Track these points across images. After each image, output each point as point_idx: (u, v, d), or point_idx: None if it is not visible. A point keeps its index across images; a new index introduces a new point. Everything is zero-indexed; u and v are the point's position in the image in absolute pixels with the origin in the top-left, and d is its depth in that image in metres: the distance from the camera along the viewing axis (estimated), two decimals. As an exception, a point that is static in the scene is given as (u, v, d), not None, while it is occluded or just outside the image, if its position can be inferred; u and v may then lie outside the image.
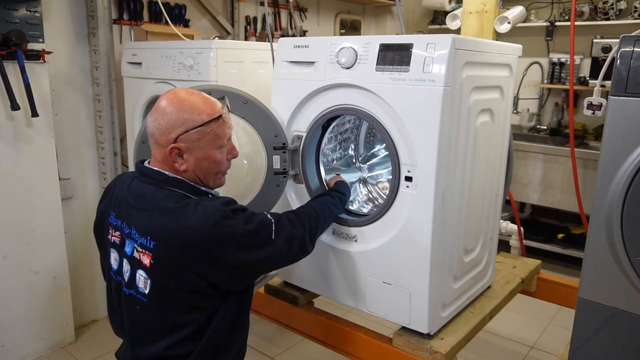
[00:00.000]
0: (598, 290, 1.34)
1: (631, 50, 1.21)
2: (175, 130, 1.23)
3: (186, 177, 1.28)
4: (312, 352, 2.57)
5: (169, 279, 1.21)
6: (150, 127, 1.26)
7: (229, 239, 1.19)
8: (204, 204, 1.20)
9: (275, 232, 1.28)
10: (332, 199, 1.57)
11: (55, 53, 2.46)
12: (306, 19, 3.90)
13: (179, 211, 1.19)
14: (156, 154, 1.27)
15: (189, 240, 1.17)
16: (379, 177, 1.94)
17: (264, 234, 1.26)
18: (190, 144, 1.24)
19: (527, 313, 2.99)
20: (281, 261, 1.35)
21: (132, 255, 1.26)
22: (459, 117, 1.44)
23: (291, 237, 1.32)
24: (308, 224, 1.41)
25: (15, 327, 2.43)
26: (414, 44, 1.39)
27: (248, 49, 2.32)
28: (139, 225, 1.24)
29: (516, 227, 2.91)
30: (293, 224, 1.36)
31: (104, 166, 2.74)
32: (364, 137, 1.98)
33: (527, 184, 3.55)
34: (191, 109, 1.24)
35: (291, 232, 1.33)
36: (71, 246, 2.69)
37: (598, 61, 3.50)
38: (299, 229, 1.36)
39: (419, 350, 1.51)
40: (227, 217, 1.20)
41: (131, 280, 1.27)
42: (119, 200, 1.31)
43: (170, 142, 1.23)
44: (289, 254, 1.33)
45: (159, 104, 1.26)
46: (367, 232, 1.61)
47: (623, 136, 1.24)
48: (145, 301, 1.24)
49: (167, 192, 1.24)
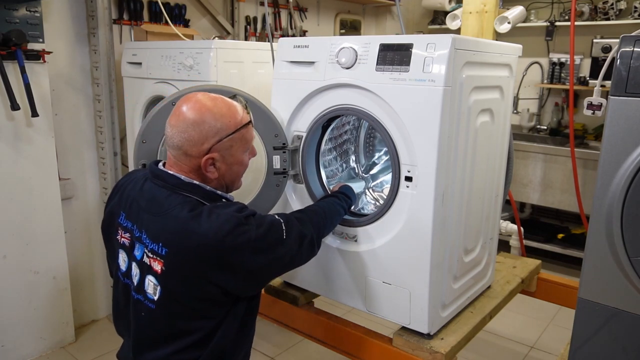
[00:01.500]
0: (598, 290, 1.34)
1: (631, 50, 1.21)
2: (209, 140, 1.21)
3: (212, 184, 1.27)
4: (312, 352, 2.57)
5: (181, 286, 1.20)
6: (177, 139, 1.22)
7: (244, 245, 1.18)
8: (218, 212, 1.18)
9: (285, 231, 1.27)
10: (339, 201, 1.56)
11: (55, 53, 2.46)
12: (306, 19, 3.90)
13: (193, 219, 1.17)
14: (184, 163, 1.24)
15: (203, 248, 1.15)
16: (384, 183, 1.93)
17: (275, 235, 1.25)
18: (224, 152, 1.24)
19: (527, 313, 2.99)
20: (291, 262, 1.33)
21: (142, 260, 1.24)
22: (459, 117, 1.44)
23: (301, 236, 1.31)
24: (316, 223, 1.40)
25: (15, 327, 2.43)
26: (414, 44, 1.39)
27: (248, 49, 2.32)
28: (150, 230, 1.22)
29: (516, 227, 2.92)
30: (302, 223, 1.35)
31: (104, 166, 2.74)
32: (363, 146, 1.97)
33: (527, 184, 3.55)
34: (222, 117, 1.22)
35: (301, 231, 1.32)
36: (71, 246, 2.69)
37: (598, 61, 3.50)
38: (308, 228, 1.35)
39: (419, 350, 1.51)
40: (241, 224, 1.18)
41: (140, 285, 1.25)
42: (129, 201, 1.29)
43: (203, 153, 1.21)
44: (299, 254, 1.32)
45: (182, 113, 1.22)
46: (367, 232, 1.60)
47: (623, 136, 1.24)
48: (154, 307, 1.23)
49: (181, 197, 1.22)
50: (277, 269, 1.32)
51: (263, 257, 1.21)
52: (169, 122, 1.24)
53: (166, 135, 1.25)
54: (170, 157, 1.27)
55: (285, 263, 1.31)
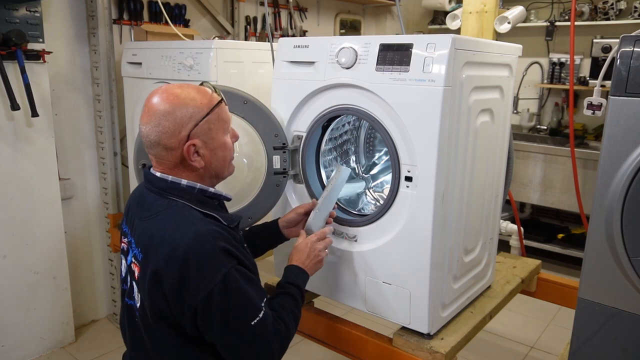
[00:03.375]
0: (598, 290, 1.34)
1: (631, 50, 1.20)
2: (185, 127, 1.16)
3: (198, 176, 1.22)
4: (312, 352, 2.57)
5: (146, 296, 1.16)
6: (153, 135, 1.16)
7: (204, 278, 1.09)
8: (198, 226, 1.13)
9: (258, 320, 1.14)
10: (297, 303, 1.34)
11: (55, 53, 2.46)
12: (306, 19, 3.90)
13: (171, 226, 1.13)
14: (166, 160, 1.19)
15: (169, 254, 1.10)
16: (384, 184, 1.93)
17: (241, 309, 1.12)
18: (203, 136, 1.18)
19: (527, 313, 2.99)
20: (237, 356, 1.18)
21: (130, 265, 1.23)
22: (459, 117, 1.44)
23: (267, 345, 1.17)
24: (286, 341, 1.26)
25: (15, 327, 2.43)
26: (414, 44, 1.39)
27: (248, 49, 2.32)
28: (136, 235, 1.20)
29: (516, 227, 2.92)
30: (277, 334, 1.21)
31: (104, 166, 2.74)
32: (363, 146, 1.97)
33: (527, 184, 3.55)
34: (192, 100, 1.17)
35: (269, 342, 1.18)
36: (71, 246, 2.69)
37: (598, 61, 3.50)
38: (275, 344, 1.20)
39: (419, 350, 1.51)
40: (215, 254, 1.10)
41: (130, 291, 1.24)
42: (129, 206, 1.29)
43: (183, 141, 1.16)
44: (252, 356, 1.17)
45: (152, 107, 1.16)
46: (367, 232, 1.60)
47: (623, 136, 1.24)
48: (138, 315, 1.21)
49: (166, 202, 1.19)
50: (221, 345, 1.17)
51: (217, 309, 1.10)
52: (141, 121, 1.18)
53: (141, 135, 1.18)
54: (152, 158, 1.22)
55: (229, 348, 1.16)
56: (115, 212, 2.76)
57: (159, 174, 1.21)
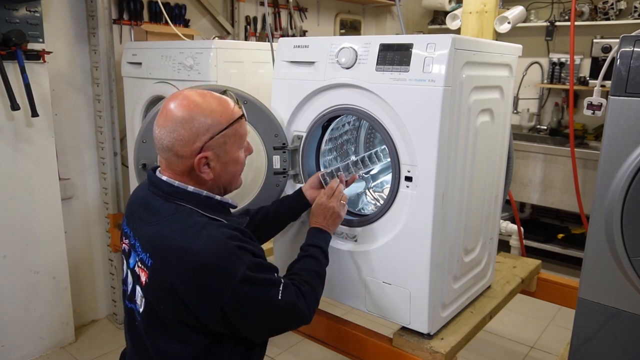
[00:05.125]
0: (598, 290, 1.34)
1: (631, 50, 1.20)
2: (200, 138, 1.13)
3: (207, 186, 1.20)
4: (312, 352, 2.57)
5: (159, 302, 1.14)
6: (166, 140, 1.14)
7: (226, 278, 1.09)
8: (210, 231, 1.12)
9: (282, 293, 1.17)
10: (319, 262, 1.40)
11: (55, 53, 2.46)
12: (306, 19, 3.90)
13: (182, 234, 1.11)
14: (175, 166, 1.17)
15: (186, 266, 1.09)
16: (384, 184, 1.93)
17: (267, 293, 1.15)
18: (217, 150, 1.16)
19: (527, 313, 2.99)
20: (276, 328, 1.24)
21: (134, 269, 1.21)
22: (459, 117, 1.44)
23: (297, 311, 1.22)
24: (314, 299, 1.31)
25: (15, 327, 2.43)
26: (414, 44, 1.39)
27: (248, 49, 2.32)
28: (142, 239, 1.18)
29: (516, 227, 2.91)
30: (305, 296, 1.25)
31: (104, 166, 2.74)
32: (363, 146, 1.97)
33: (527, 184, 3.55)
34: (212, 112, 1.14)
35: (297, 306, 1.21)
36: (71, 246, 2.69)
37: (598, 61, 3.50)
38: (303, 306, 1.24)
39: (419, 350, 1.51)
40: (232, 254, 1.10)
41: (132, 294, 1.23)
42: (131, 207, 1.27)
43: (195, 152, 1.14)
44: (289, 323, 1.25)
45: (170, 112, 1.14)
46: (367, 232, 1.60)
47: (623, 136, 1.24)
48: (140, 319, 1.20)
49: (173, 207, 1.16)
50: (258, 328, 1.21)
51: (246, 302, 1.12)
52: (157, 123, 1.16)
53: (154, 137, 1.16)
54: (161, 160, 1.20)
55: (268, 326, 1.21)
56: (115, 212, 2.76)
57: (165, 178, 1.19)
